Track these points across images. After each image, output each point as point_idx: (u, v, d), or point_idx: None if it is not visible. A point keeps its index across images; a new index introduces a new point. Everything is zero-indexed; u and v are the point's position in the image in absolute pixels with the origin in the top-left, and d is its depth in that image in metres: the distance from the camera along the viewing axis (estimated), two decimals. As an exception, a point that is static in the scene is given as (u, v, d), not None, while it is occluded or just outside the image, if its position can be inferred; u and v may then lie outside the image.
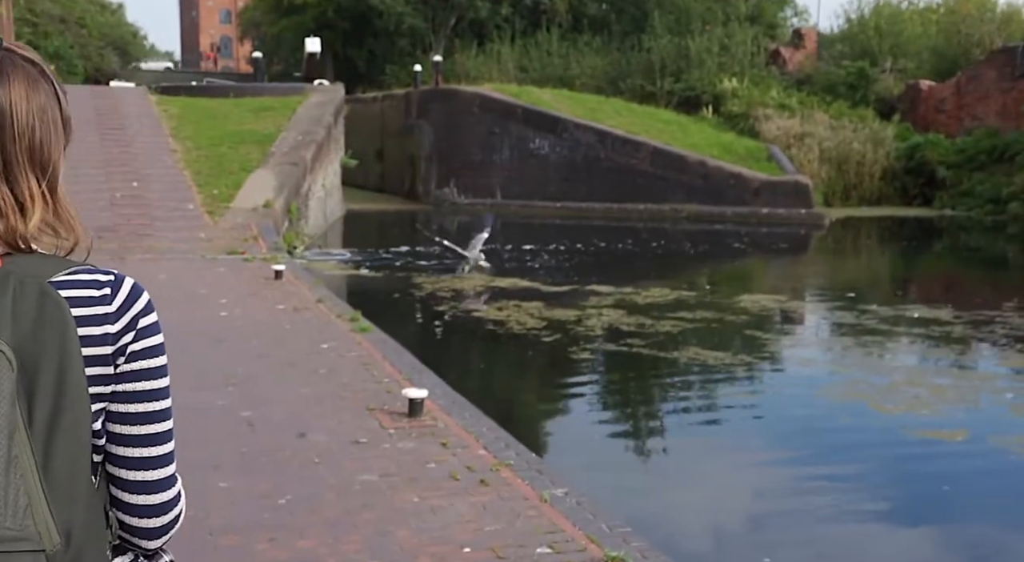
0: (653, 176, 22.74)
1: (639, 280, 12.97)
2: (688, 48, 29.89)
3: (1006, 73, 25.22)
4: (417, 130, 26.41)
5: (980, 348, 8.81)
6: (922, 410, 6.99)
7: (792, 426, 6.76)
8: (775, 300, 11.61)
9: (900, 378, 7.85)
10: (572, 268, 14.38)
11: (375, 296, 11.90)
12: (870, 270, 16.29)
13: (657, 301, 11.24)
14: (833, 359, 8.60)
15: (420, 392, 5.24)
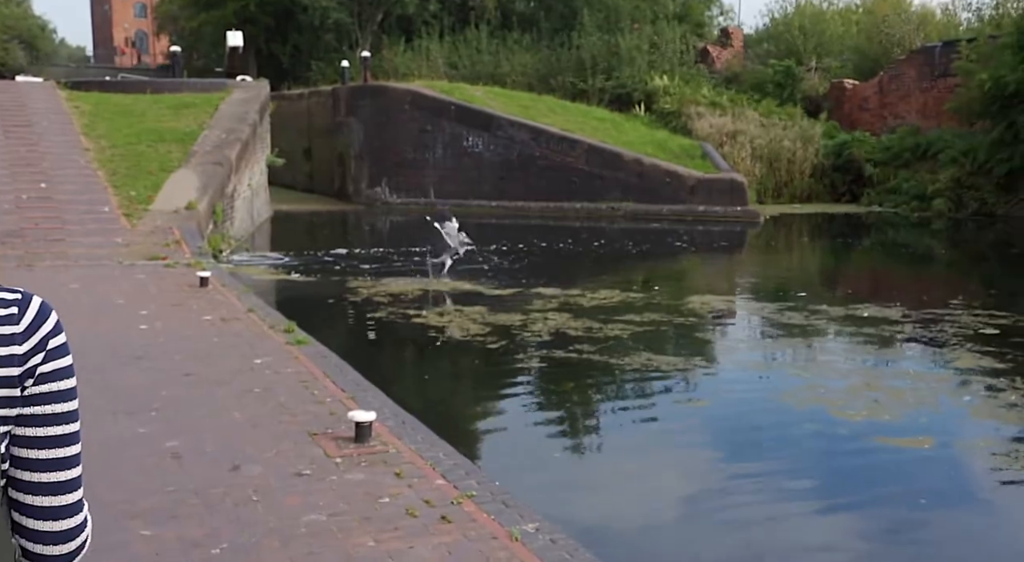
0: (589, 174, 22.53)
1: (584, 281, 12.65)
2: (618, 46, 29.87)
3: (926, 72, 25.88)
4: (346, 128, 25.66)
5: (932, 348, 8.72)
6: (884, 415, 6.79)
7: (758, 436, 6.47)
8: (723, 300, 11.43)
9: (857, 381, 7.67)
10: (514, 270, 13.97)
11: (309, 303, 11.27)
12: (812, 268, 16.31)
13: (604, 303, 10.92)
14: (788, 362, 8.41)
15: (367, 414, 4.74)
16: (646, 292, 11.99)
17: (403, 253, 15.82)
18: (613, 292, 11.62)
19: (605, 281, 12.91)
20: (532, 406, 7.34)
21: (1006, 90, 19.72)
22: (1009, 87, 19.59)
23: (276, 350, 6.49)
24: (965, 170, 21.22)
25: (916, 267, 15.80)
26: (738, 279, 14.31)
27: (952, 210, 21.21)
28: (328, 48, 36.21)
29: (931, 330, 9.36)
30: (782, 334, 9.56)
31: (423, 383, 7.90)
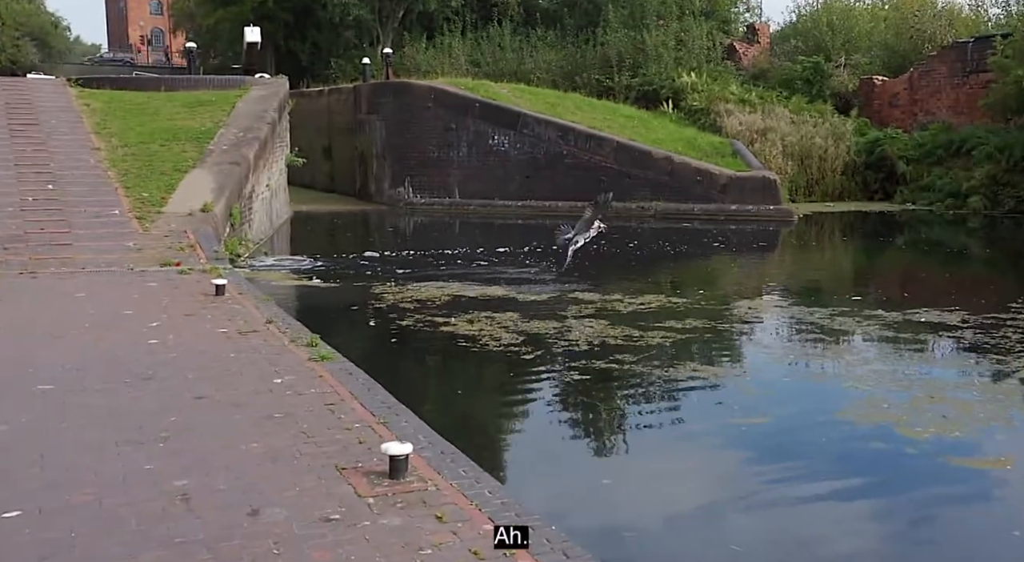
0: (618, 173, 21.86)
1: (620, 285, 12.02)
2: (644, 42, 29.23)
3: (957, 69, 25.11)
4: (368, 126, 25.16)
5: (996, 356, 8.04)
6: (954, 432, 6.18)
7: (821, 459, 5.86)
8: (768, 305, 10.77)
9: (920, 393, 7.05)
10: (546, 273, 13.36)
11: (332, 311, 10.71)
12: (856, 269, 15.57)
13: (642, 309, 10.30)
14: (845, 373, 7.74)
15: (403, 447, 4.14)
16: (686, 296, 11.34)
17: (430, 256, 15.24)
18: (652, 296, 11.00)
19: (642, 285, 12.28)
20: (575, 426, 6.73)
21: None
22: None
23: (298, 367, 5.92)
24: (1001, 167, 20.48)
25: (964, 267, 15.05)
26: (781, 281, 13.63)
27: (988, 207, 20.48)
28: (348, 45, 35.85)
29: (993, 336, 8.72)
30: (834, 342, 8.90)
31: (456, 401, 7.30)
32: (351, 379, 5.81)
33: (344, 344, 7.37)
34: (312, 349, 6.42)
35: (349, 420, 4.92)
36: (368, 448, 4.46)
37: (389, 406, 5.26)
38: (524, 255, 15.23)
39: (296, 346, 6.45)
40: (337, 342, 7.11)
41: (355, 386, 5.62)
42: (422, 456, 4.37)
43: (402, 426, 4.87)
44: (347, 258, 14.56)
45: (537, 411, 7.05)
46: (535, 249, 15.87)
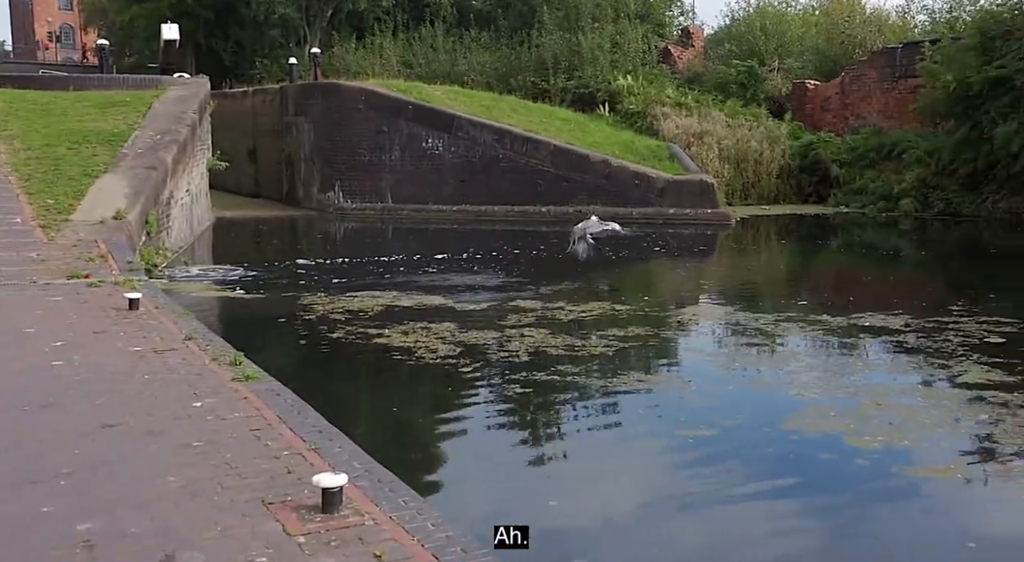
0: (555, 177, 21.81)
1: (560, 292, 11.86)
2: (580, 44, 29.33)
3: (887, 74, 25.87)
4: (295, 128, 24.60)
5: (938, 360, 8.11)
6: (903, 440, 6.16)
7: (773, 472, 5.74)
8: (712, 311, 10.73)
9: (866, 400, 7.04)
10: (484, 280, 13.14)
11: (257, 325, 10.29)
12: (798, 273, 15.73)
13: (584, 317, 10.16)
14: (791, 380, 7.69)
15: (337, 478, 3.85)
16: (629, 303, 11.23)
17: (362, 264, 14.88)
18: (593, 304, 10.87)
19: (583, 291, 12.16)
20: (517, 443, 6.50)
21: (970, 91, 19.73)
22: (973, 88, 19.60)
23: (221, 389, 5.55)
24: (930, 170, 21.19)
25: (902, 270, 15.34)
26: (723, 286, 13.64)
27: (918, 210, 21.13)
28: (274, 45, 35.16)
29: (935, 340, 8.81)
30: (779, 348, 8.90)
31: (392, 419, 7.00)
32: (279, 400, 5.48)
33: (271, 361, 7.01)
34: (236, 368, 6.05)
35: (277, 447, 4.61)
36: (298, 478, 4.16)
37: (321, 430, 4.95)
38: (463, 262, 14.98)
39: (218, 365, 6.07)
40: (263, 359, 6.75)
41: (283, 408, 5.29)
42: (358, 486, 4.09)
43: (335, 452, 4.58)
44: (274, 267, 14.10)
45: (477, 428, 6.80)
46: (474, 255, 15.64)
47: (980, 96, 19.52)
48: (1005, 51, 19.25)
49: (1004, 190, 19.32)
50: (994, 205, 19.51)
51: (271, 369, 6.42)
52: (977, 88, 19.38)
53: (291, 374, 7.09)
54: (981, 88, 19.31)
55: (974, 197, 20.13)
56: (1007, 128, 18.40)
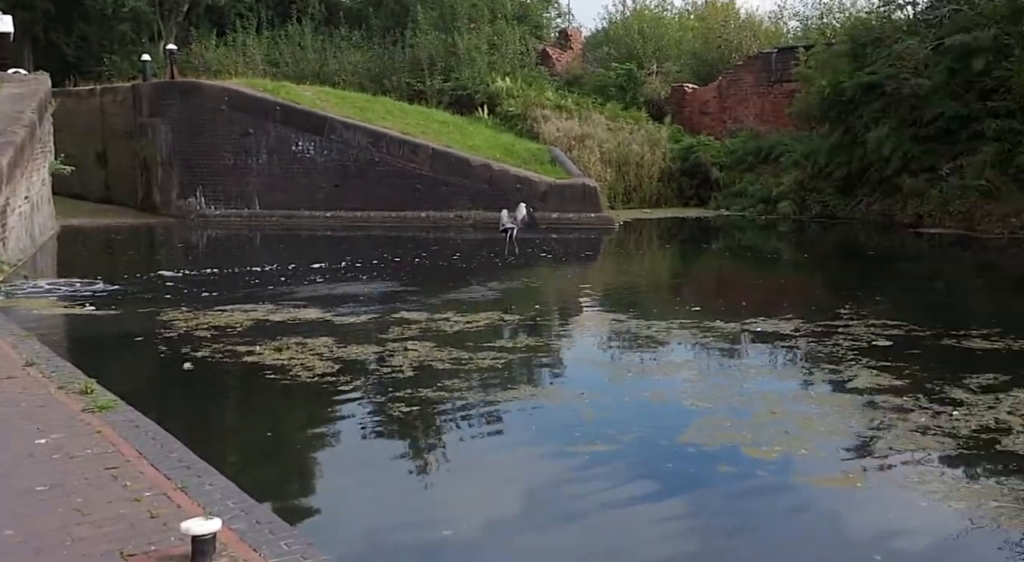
0: (434, 181, 21.62)
1: (447, 301, 11.65)
2: (456, 45, 29.24)
3: (762, 78, 27.03)
4: (151, 130, 23.45)
5: (829, 366, 8.34)
6: (800, 449, 6.25)
7: (673, 489, 5.69)
8: (604, 319, 10.73)
9: (761, 409, 7.13)
10: (364, 290, 12.78)
11: (111, 346, 9.61)
12: (689, 278, 16.01)
13: (471, 328, 9.99)
14: (686, 390, 7.73)
15: (209, 524, 3.52)
16: (518, 312, 11.14)
17: (229, 275, 14.24)
18: (480, 313, 10.71)
19: (470, 300, 11.98)
20: (404, 467, 6.22)
21: (843, 96, 20.68)
22: (846, 93, 20.54)
23: (69, 422, 5.08)
24: (807, 173, 22.17)
25: (789, 273, 15.80)
26: (614, 293, 13.70)
27: (796, 212, 22.06)
28: (124, 40, 33.60)
29: (826, 344, 9.06)
30: (673, 356, 8.96)
31: (267, 447, 6.61)
32: (138, 433, 5.06)
33: (127, 387, 6.53)
34: (87, 397, 5.58)
35: (137, 487, 4.22)
36: (163, 524, 3.81)
37: (188, 465, 4.58)
38: (341, 271, 14.55)
39: (66, 394, 5.57)
40: (119, 386, 6.28)
41: (143, 442, 4.89)
42: (233, 529, 3.78)
43: (206, 491, 4.23)
44: (132, 280, 13.29)
45: (362, 451, 6.51)
46: (353, 264, 15.22)
47: (853, 101, 20.48)
48: (875, 58, 20.26)
49: (877, 193, 20.32)
50: (868, 207, 20.50)
51: (128, 397, 5.96)
52: (850, 93, 20.32)
53: (151, 401, 6.61)
54: (854, 93, 20.26)
55: (849, 200, 21.12)
56: (879, 132, 19.35)
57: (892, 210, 19.86)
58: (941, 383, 7.54)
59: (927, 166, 18.93)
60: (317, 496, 5.73)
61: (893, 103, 19.40)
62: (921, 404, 6.99)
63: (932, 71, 18.68)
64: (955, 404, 6.97)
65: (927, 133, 18.89)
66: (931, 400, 7.09)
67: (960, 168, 18.12)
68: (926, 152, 18.97)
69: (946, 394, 7.23)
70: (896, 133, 19.22)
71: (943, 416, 6.70)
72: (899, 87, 18.96)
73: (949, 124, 18.54)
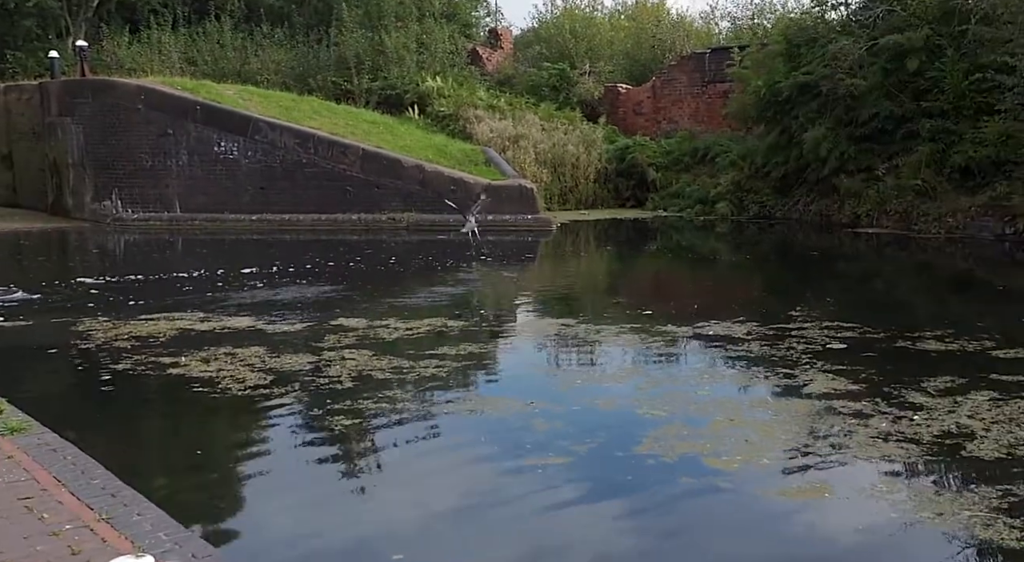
0: (365, 183, 21.20)
1: (386, 307, 11.32)
2: (384, 44, 28.86)
3: (696, 78, 27.28)
4: (61, 130, 22.53)
5: (784, 370, 8.25)
6: (762, 459, 6.08)
7: (636, 505, 5.49)
8: (550, 324, 10.51)
9: (719, 416, 6.99)
10: (297, 296, 12.36)
11: (21, 360, 9.05)
12: (636, 281, 15.86)
13: (410, 335, 9.71)
14: (641, 397, 7.56)
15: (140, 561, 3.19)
16: (460, 318, 10.87)
17: (150, 282, 13.66)
18: (422, 320, 10.41)
19: (410, 306, 11.67)
20: (347, 486, 5.90)
21: (780, 96, 20.85)
22: (783, 93, 20.72)
23: (-25, 448, 4.66)
24: (744, 174, 22.31)
25: (735, 275, 15.80)
26: (559, 297, 13.50)
27: (734, 213, 22.21)
28: (29, 36, 32.39)
29: (779, 348, 8.99)
30: (626, 362, 8.81)
31: (199, 468, 6.20)
32: (55, 458, 4.67)
33: (41, 406, 6.08)
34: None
35: (56, 520, 3.85)
36: (87, 561, 3.45)
37: (112, 493, 4.22)
38: (272, 276, 14.08)
39: (-28, 417, 5.12)
40: (31, 404, 5.83)
41: (62, 468, 4.50)
42: None
43: (133, 521, 3.89)
44: (50, 287, 12.62)
45: (299, 469, 6.15)
46: (286, 269, 14.75)
47: (789, 101, 20.66)
48: (810, 58, 20.42)
49: (814, 193, 20.54)
50: (805, 208, 20.72)
51: (42, 417, 5.53)
52: (786, 93, 20.49)
53: (68, 421, 6.18)
54: (789, 93, 20.43)
55: (786, 200, 21.31)
56: (815, 133, 19.52)
57: (830, 210, 20.06)
58: (899, 387, 7.49)
59: (863, 166, 19.16)
60: (254, 519, 5.38)
61: (829, 103, 19.58)
62: (880, 409, 6.91)
63: (867, 71, 18.90)
64: (915, 408, 6.91)
65: (863, 133, 19.12)
66: (890, 405, 7.03)
67: (896, 168, 18.40)
68: (862, 152, 19.20)
69: (905, 398, 7.18)
70: (832, 133, 19.40)
71: (904, 421, 6.63)
72: (834, 87, 19.13)
73: (884, 124, 18.80)
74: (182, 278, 14.02)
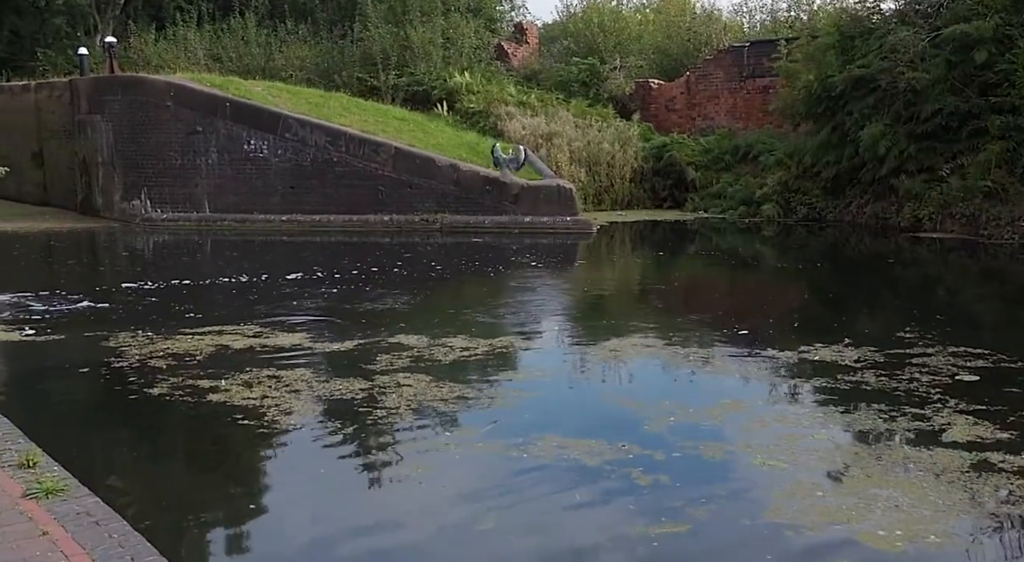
0: (398, 182, 20.22)
1: (441, 322, 10.32)
2: (409, 39, 27.87)
3: (734, 73, 25.97)
4: (91, 128, 21.74)
5: (912, 409, 6.83)
6: (927, 536, 4.74)
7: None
8: (631, 345, 9.14)
9: (856, 471, 5.67)
10: (338, 306, 11.42)
11: (53, 383, 8.14)
12: (706, 293, 13.99)
13: (469, 356, 8.72)
14: (751, 442, 6.28)
15: None
16: (522, 335, 9.79)
17: (191, 288, 12.76)
18: (478, 339, 9.35)
19: (461, 320, 10.67)
20: (436, 548, 4.93)
21: (833, 91, 19.42)
22: (836, 88, 19.30)
23: (2, 517, 3.72)
24: (792, 173, 20.84)
25: (817, 286, 13.92)
26: (629, 311, 11.86)
27: (781, 215, 20.74)
28: (59, 34, 31.80)
29: (899, 380, 7.62)
30: (723, 395, 7.48)
31: (257, 533, 5.21)
32: (99, 535, 3.73)
33: (74, 444, 5.17)
34: (28, 474, 4.22)
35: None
36: None
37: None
38: (321, 282, 13.12)
39: None
40: (65, 444, 4.89)
41: (106, 548, 3.55)
42: None
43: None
44: (68, 296, 11.73)
45: (363, 528, 5.18)
46: (331, 274, 13.75)
47: (842, 96, 19.20)
48: (866, 50, 19.01)
49: (868, 194, 19.12)
50: (859, 210, 19.33)
51: (76, 462, 4.60)
52: (840, 88, 19.07)
53: (104, 465, 5.26)
54: (844, 88, 19.00)
55: (838, 202, 19.89)
56: (872, 130, 18.12)
57: (887, 213, 18.66)
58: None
59: (925, 166, 17.77)
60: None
61: (887, 98, 18.13)
62: (1052, 466, 5.54)
63: (929, 64, 17.49)
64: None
65: (924, 130, 17.66)
66: (1060, 459, 5.70)
67: (961, 168, 17.06)
68: (923, 151, 17.77)
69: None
70: (891, 130, 17.97)
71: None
72: (894, 81, 17.68)
73: (948, 121, 17.39)
74: (222, 285, 13.10)
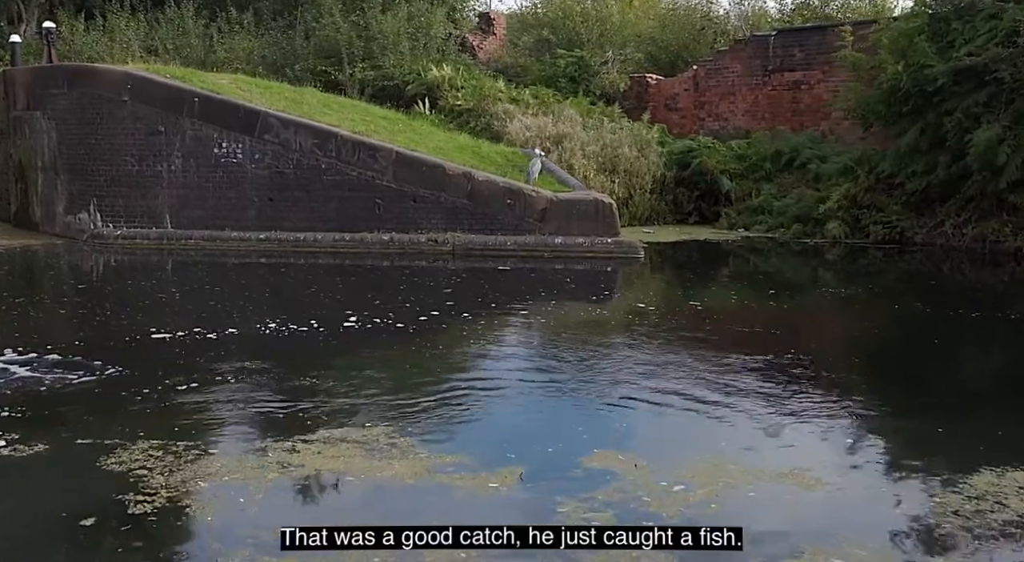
0: (398, 194, 17.38)
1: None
2: (371, 28, 24.96)
3: (756, 66, 23.65)
4: (28, 126, 18.53)
5: None
6: None
7: None
8: (773, 421, 6.79)
9: None
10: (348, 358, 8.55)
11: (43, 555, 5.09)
12: (827, 341, 11.01)
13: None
14: None
15: None
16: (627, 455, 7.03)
17: (188, 342, 9.44)
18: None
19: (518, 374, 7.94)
20: None
21: (929, 86, 16.31)
22: (936, 82, 16.12)
23: None
24: (862, 185, 18.02)
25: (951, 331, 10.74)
26: (748, 369, 8.81)
27: (849, 235, 17.92)
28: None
29: None
30: None
31: None
32: None
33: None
34: None
35: None
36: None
37: None
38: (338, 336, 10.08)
39: None
40: None
41: None
42: None
43: None
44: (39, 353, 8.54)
45: None
46: (366, 315, 10.44)
47: (940, 92, 16.18)
48: (969, 35, 15.87)
49: (970, 211, 16.28)
50: (956, 231, 16.50)
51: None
52: (940, 82, 16.00)
53: None
54: (944, 82, 15.96)
55: (925, 220, 17.03)
56: (988, 133, 15.13)
57: (998, 235, 15.84)
58: None
59: (1053, 179, 14.82)
60: None
61: (1005, 94, 15.11)
62: None
63: (1059, 53, 14.52)
64: None
65: None
66: None
67: (1107, 183, 14.45)
68: (1055, 161, 14.74)
69: None
70: (1011, 134, 15.04)
71: None
72: (1014, 73, 14.72)
73: (1086, 124, 14.55)
74: (222, 340, 9.95)
